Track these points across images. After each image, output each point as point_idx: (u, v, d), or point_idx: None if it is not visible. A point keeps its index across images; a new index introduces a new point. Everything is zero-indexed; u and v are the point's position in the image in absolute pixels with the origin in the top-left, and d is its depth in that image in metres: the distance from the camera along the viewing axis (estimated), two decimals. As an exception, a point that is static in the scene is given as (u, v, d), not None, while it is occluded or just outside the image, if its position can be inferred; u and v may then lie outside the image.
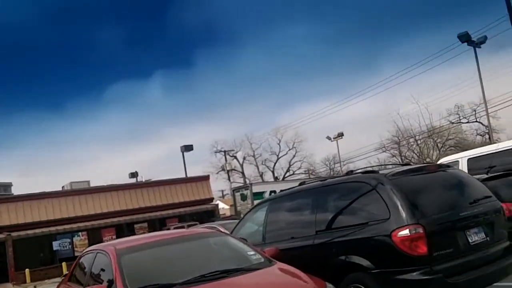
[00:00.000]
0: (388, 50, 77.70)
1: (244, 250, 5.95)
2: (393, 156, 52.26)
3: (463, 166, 11.97)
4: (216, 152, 54.19)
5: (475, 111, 46.26)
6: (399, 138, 50.77)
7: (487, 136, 42.80)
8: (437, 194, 6.28)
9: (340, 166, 46.82)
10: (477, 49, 27.14)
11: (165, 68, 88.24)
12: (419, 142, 50.85)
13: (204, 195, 32.37)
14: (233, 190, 30.97)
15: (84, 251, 7.10)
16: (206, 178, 34.15)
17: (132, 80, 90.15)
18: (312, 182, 7.55)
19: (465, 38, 26.58)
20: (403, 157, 50.72)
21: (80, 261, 6.84)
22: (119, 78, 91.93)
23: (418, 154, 50.38)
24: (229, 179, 47.08)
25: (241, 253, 5.89)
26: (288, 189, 7.86)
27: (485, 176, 8.87)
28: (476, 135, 49.50)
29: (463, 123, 49.85)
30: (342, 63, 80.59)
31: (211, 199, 33.43)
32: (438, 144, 50.43)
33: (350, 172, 6.96)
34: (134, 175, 43.63)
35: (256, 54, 79.33)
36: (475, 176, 8.86)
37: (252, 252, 5.88)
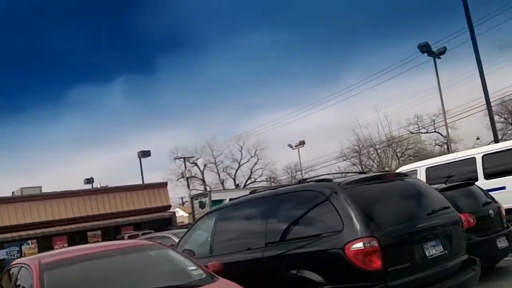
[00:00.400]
0: (352, 59, 78.52)
1: (184, 265, 5.43)
2: (354, 164, 52.53)
3: (421, 175, 11.79)
4: (175, 158, 53.27)
5: (434, 121, 47.02)
6: (360, 147, 51.10)
7: (445, 146, 43.44)
8: (394, 205, 5.94)
9: (301, 174, 46.70)
10: (437, 60, 27.38)
11: (127, 72, 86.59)
12: (379, 151, 51.29)
13: (161, 202, 31.51)
14: (192, 198, 30.18)
15: (11, 264, 6.44)
16: (163, 185, 33.29)
17: (92, 84, 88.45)
18: (263, 191, 7.10)
19: (425, 48, 26.68)
20: (363, 166, 51.03)
21: (7, 275, 6.20)
22: (79, 82, 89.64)
23: (377, 163, 50.77)
24: (188, 187, 46.20)
25: (181, 268, 5.37)
26: (238, 197, 7.40)
27: (443, 186, 8.61)
28: (434, 145, 50.32)
29: (422, 133, 50.65)
30: (306, 71, 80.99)
31: (169, 207, 32.57)
32: (398, 154, 50.96)
33: (303, 180, 6.54)
34: (89, 181, 42.39)
35: (220, 61, 78.85)
36: (433, 186, 8.63)
37: (194, 267, 5.36)
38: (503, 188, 10.35)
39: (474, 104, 33.61)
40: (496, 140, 21.24)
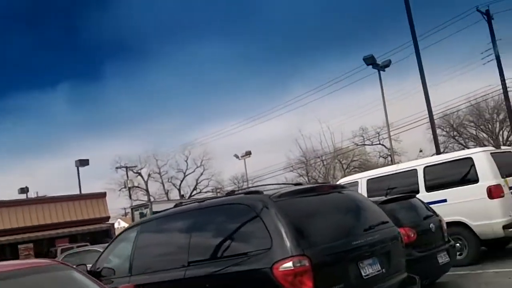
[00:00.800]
0: (301, 71, 78.96)
1: (88, 289, 4.69)
2: (301, 175, 52.49)
3: (362, 187, 11.45)
4: (117, 168, 51.51)
5: (378, 133, 47.66)
6: (306, 158, 51.12)
7: (389, 158, 44.01)
8: (328, 220, 5.44)
9: (247, 184, 46.22)
10: (383, 72, 27.56)
11: (71, 79, 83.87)
12: (325, 162, 51.47)
13: (99, 213, 30.21)
14: (132, 209, 29.08)
15: None
16: (102, 195, 31.97)
17: (33, 90, 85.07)
18: (190, 203, 6.46)
19: (370, 61, 26.77)
20: (309, 177, 51.09)
21: None
22: (19, 87, 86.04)
23: (323, 175, 50.92)
24: (130, 197, 44.83)
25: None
26: (163, 210, 6.74)
27: (383, 198, 8.24)
28: (379, 157, 51.01)
29: (367, 145, 51.26)
30: (255, 82, 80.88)
31: (107, 218, 31.27)
32: (344, 165, 51.31)
33: (232, 192, 5.96)
34: (24, 190, 40.33)
35: (167, 70, 77.71)
36: (373, 198, 8.26)
37: (99, 291, 4.64)
38: (445, 200, 10.12)
39: (418, 117, 34.12)
40: (438, 153, 21.38)
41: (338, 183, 12.63)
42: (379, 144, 49.71)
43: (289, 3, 70.19)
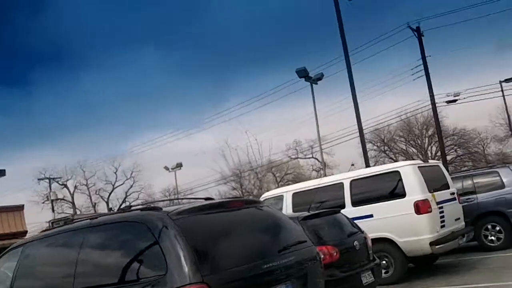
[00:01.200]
0: (235, 84, 78.42)
1: None
2: (234, 188, 51.89)
3: (288, 201, 10.88)
4: (40, 179, 48.55)
5: (312, 147, 47.83)
6: (240, 170, 50.57)
7: (322, 171, 44.22)
8: (238, 240, 4.77)
9: (177, 197, 44.98)
10: (316, 85, 27.44)
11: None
12: (259, 175, 51.13)
13: (16, 227, 27.97)
14: (52, 223, 27.27)
15: None
16: (19, 208, 29.73)
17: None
18: (80, 220, 5.59)
19: (302, 73, 26.55)
20: (243, 190, 50.57)
21: None
22: None
23: (258, 188, 50.55)
24: (53, 210, 42.46)
25: None
26: (49, 229, 5.84)
27: (305, 214, 7.67)
28: (312, 170, 51.25)
29: (300, 158, 51.41)
30: (189, 93, 79.50)
31: (24, 233, 29.04)
32: (277, 178, 51.19)
33: (127, 208, 5.15)
34: None
35: (99, 78, 74.88)
36: (295, 214, 7.72)
37: None
38: (371, 216, 9.71)
39: (350, 131, 34.32)
40: (368, 167, 21.31)
41: (262, 197, 12.03)
42: (312, 157, 49.96)
43: (227, 16, 69.83)
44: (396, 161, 44.24)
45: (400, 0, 68.04)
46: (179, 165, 41.79)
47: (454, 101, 33.65)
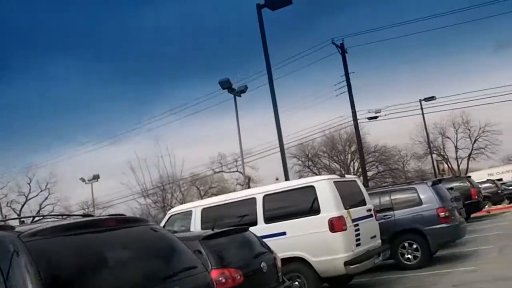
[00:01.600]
0: (160, 95, 76.74)
1: None
2: (156, 202, 50.27)
3: (197, 217, 10.05)
4: None
5: (236, 160, 47.30)
6: (163, 183, 49.10)
7: (246, 186, 43.73)
8: (112, 266, 3.95)
9: (93, 210, 42.88)
10: (240, 98, 26.88)
11: None
12: (182, 189, 49.91)
13: None
14: None
15: None
16: None
17: None
18: None
19: (226, 85, 25.93)
20: (166, 204, 49.10)
21: None
22: None
23: (180, 201, 49.27)
24: (-46, 223, 39.19)
25: None
26: None
27: (208, 232, 6.89)
28: (236, 184, 50.68)
29: (225, 172, 50.75)
30: (112, 104, 77.02)
31: None
32: (201, 192, 50.20)
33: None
34: None
35: (16, 86, 70.94)
36: (195, 233, 6.96)
37: None
38: (284, 233, 9.08)
39: (274, 145, 34.03)
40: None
41: (169, 213, 11.15)
42: (237, 171, 49.43)
43: (160, 25, 68.55)
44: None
45: (328, 18, 69.53)
46: (96, 177, 39.89)
47: (376, 117, 34.31)
